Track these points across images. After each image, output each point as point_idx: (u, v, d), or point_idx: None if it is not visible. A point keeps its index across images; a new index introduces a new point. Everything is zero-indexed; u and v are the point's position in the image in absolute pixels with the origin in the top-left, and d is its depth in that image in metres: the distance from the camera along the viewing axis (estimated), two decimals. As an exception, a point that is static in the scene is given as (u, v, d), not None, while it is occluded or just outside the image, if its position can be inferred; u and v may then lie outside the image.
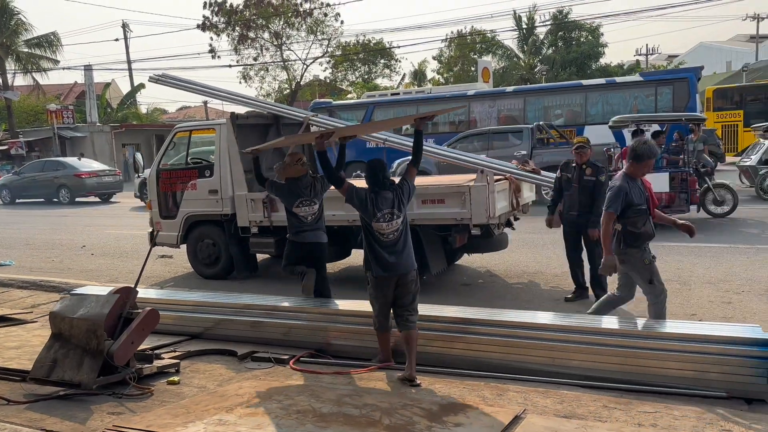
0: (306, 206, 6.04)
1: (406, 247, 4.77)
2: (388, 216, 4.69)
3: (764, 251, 8.57)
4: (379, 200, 4.71)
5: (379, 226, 4.70)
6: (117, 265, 10.28)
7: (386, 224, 4.69)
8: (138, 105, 43.02)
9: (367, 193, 4.77)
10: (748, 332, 4.30)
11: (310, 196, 6.06)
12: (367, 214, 4.73)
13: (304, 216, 6.04)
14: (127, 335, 4.55)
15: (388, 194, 4.74)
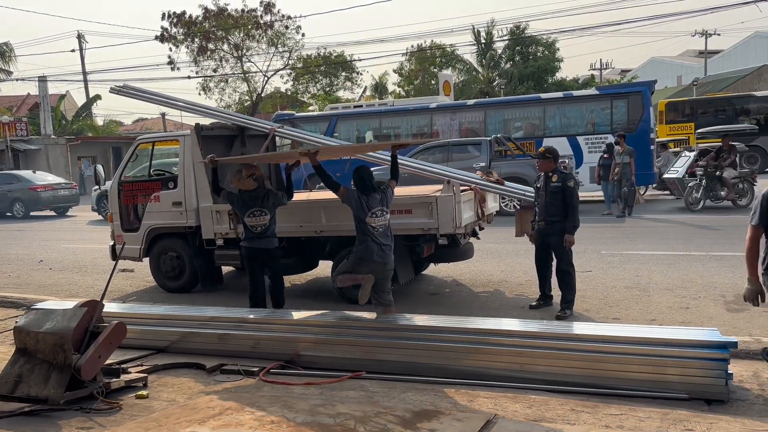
0: (256, 217, 6.41)
1: (389, 240, 5.86)
2: (378, 212, 5.76)
3: (717, 258, 8.89)
4: (370, 200, 5.76)
5: (371, 221, 5.73)
6: (76, 280, 10.05)
7: (377, 218, 5.74)
8: (94, 117, 42.16)
9: (359, 195, 5.77)
10: (707, 336, 4.48)
11: (260, 207, 6.42)
12: (361, 211, 5.74)
13: (253, 226, 6.44)
14: (94, 349, 4.47)
15: (377, 195, 5.81)
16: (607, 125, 17.16)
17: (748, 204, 14.17)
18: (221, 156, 8.75)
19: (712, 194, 14.26)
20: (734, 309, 6.47)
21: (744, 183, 14.32)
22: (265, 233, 6.48)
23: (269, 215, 6.48)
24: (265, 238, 6.50)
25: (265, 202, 6.46)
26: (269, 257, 6.60)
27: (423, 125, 19.78)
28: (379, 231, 5.77)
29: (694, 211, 13.88)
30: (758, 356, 5.02)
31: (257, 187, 6.49)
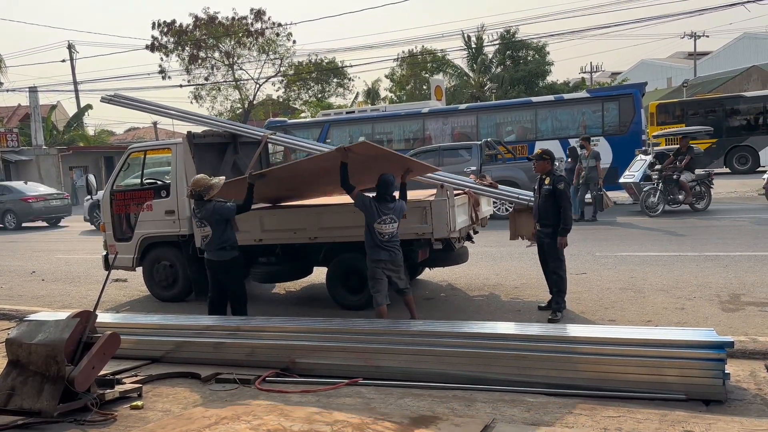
0: (202, 227, 6.52)
1: (396, 248, 6.19)
2: (388, 220, 6.05)
3: (711, 258, 8.91)
4: (382, 207, 6.06)
5: (380, 227, 6.04)
6: (69, 291, 9.97)
7: (385, 226, 6.04)
8: (85, 127, 42.00)
9: (372, 201, 6.08)
10: (703, 336, 4.47)
11: (199, 218, 6.47)
12: (371, 216, 6.05)
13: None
14: (88, 360, 4.42)
15: (390, 204, 6.11)
16: (598, 128, 17.23)
17: (706, 207, 14.07)
18: (214, 164, 8.75)
19: (670, 198, 13.99)
20: (729, 309, 6.48)
21: (701, 186, 14.09)
22: (210, 245, 6.43)
23: (208, 227, 6.38)
24: (212, 251, 6.43)
25: (204, 213, 6.37)
26: (216, 271, 6.50)
27: (415, 130, 19.82)
28: (386, 238, 6.05)
29: (653, 216, 13.58)
30: (755, 356, 5.02)
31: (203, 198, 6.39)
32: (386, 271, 6.15)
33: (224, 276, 6.53)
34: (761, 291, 7.03)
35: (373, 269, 6.17)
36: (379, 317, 6.07)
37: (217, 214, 6.33)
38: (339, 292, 7.48)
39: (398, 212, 6.17)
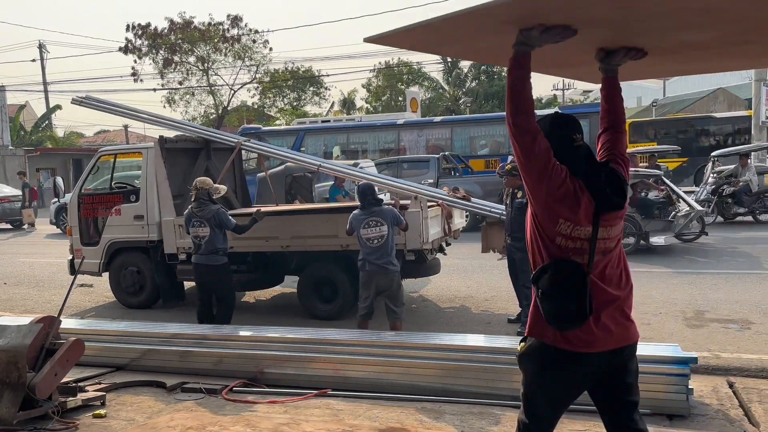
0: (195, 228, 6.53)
1: (386, 254, 5.93)
2: (372, 223, 5.93)
3: (678, 275, 9.08)
4: (363, 213, 5.97)
5: (364, 232, 5.92)
6: (33, 295, 9.74)
7: (369, 230, 5.93)
8: (54, 128, 41.25)
9: (354, 215, 6.04)
10: (668, 351, 4.54)
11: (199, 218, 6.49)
12: (356, 224, 5.97)
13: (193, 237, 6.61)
14: (50, 367, 4.32)
15: (375, 209, 5.98)
16: None
17: None
18: (186, 169, 8.66)
19: None
20: (694, 325, 6.61)
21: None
22: (202, 248, 6.47)
23: (205, 228, 6.42)
24: (204, 254, 6.47)
25: (205, 214, 6.45)
26: (205, 274, 6.54)
27: (390, 141, 19.89)
28: (373, 243, 5.91)
29: None
30: (718, 372, 5.12)
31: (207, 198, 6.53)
32: (378, 286, 5.96)
33: (213, 281, 6.55)
34: (724, 308, 7.18)
35: (362, 279, 6.07)
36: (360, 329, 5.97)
37: (217, 219, 6.40)
38: (310, 301, 7.44)
39: (386, 216, 5.95)
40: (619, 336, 2.51)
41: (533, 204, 2.52)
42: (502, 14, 2.21)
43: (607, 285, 2.50)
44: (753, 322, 6.59)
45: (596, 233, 2.43)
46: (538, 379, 2.56)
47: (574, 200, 2.42)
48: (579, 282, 2.39)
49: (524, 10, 2.18)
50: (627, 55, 2.63)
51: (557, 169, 2.43)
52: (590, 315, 2.38)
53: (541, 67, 2.97)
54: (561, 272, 2.42)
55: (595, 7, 2.17)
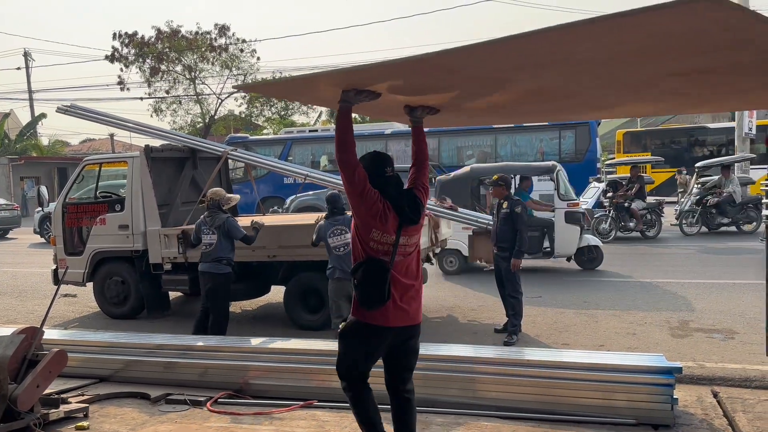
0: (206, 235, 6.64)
1: None
2: (337, 232, 6.17)
3: (663, 285, 9.14)
4: (330, 222, 6.23)
5: (331, 241, 6.17)
6: (15, 305, 9.62)
7: (336, 238, 6.17)
8: (39, 136, 40.90)
9: (324, 221, 6.35)
10: (653, 361, 4.56)
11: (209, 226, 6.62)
12: (324, 235, 6.25)
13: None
14: (32, 378, 4.26)
15: (339, 217, 6.28)
16: (555, 154, 17.63)
17: (656, 235, 14.53)
18: (172, 179, 8.62)
19: (622, 225, 14.43)
20: (678, 335, 6.65)
21: (652, 214, 14.55)
22: (208, 255, 6.59)
23: (215, 235, 6.55)
24: (208, 262, 6.58)
25: (216, 222, 6.59)
26: (207, 281, 6.61)
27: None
28: (340, 251, 6.13)
29: (604, 242, 13.47)
30: (702, 381, 5.15)
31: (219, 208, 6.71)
32: (348, 294, 6.03)
33: (213, 288, 6.60)
34: (709, 318, 7.23)
35: (331, 287, 6.24)
36: None
37: (227, 228, 6.54)
38: (296, 311, 7.41)
39: (349, 223, 5.97)
40: (413, 316, 3.37)
41: (355, 217, 3.37)
42: (329, 81, 3.21)
43: (405, 278, 3.34)
44: (737, 332, 6.64)
45: (398, 240, 3.29)
46: (352, 344, 3.42)
47: (384, 216, 3.27)
48: (382, 275, 3.22)
49: (339, 80, 3.14)
50: (424, 111, 3.61)
51: (371, 193, 3.29)
52: (388, 299, 3.22)
53: (376, 113, 4.42)
54: (371, 267, 3.24)
55: (385, 82, 3.11)
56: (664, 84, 3.08)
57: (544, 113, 4.51)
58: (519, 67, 2.76)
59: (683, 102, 3.87)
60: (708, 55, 2.53)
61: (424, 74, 2.94)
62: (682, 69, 2.75)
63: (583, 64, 2.70)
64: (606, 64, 2.71)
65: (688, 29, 2.20)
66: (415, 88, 3.22)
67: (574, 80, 3.04)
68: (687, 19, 2.10)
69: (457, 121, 5.07)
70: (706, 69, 2.74)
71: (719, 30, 2.19)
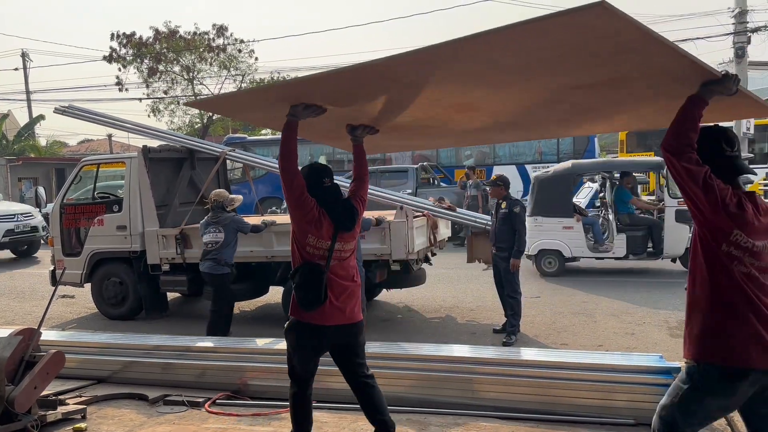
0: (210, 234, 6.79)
1: None
2: None
3: (661, 285, 9.15)
4: None
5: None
6: (13, 307, 9.60)
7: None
8: (37, 137, 40.82)
9: None
10: (652, 361, 4.56)
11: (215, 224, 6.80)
12: None
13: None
14: (29, 380, 4.24)
15: None
16: (554, 154, 17.63)
17: None
18: (169, 179, 8.61)
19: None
20: (677, 335, 6.64)
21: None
22: (210, 254, 6.76)
23: (221, 233, 6.72)
24: (207, 261, 6.77)
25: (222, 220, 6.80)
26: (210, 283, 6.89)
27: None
28: None
29: None
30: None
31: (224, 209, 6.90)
32: None
33: (213, 290, 6.86)
34: (707, 317, 7.23)
35: None
36: None
37: (235, 224, 6.76)
38: (295, 312, 7.40)
39: None
40: (349, 315, 3.56)
41: (293, 222, 3.60)
42: (278, 95, 3.46)
43: (342, 280, 3.55)
44: (735, 332, 6.64)
45: (333, 246, 3.50)
46: (295, 343, 3.62)
47: (319, 223, 3.49)
48: (318, 278, 3.43)
49: (288, 93, 3.35)
50: (364, 131, 3.80)
51: (308, 201, 3.52)
52: (325, 300, 3.42)
53: (317, 137, 4.65)
54: (308, 271, 3.45)
55: (329, 92, 3.31)
56: (575, 99, 3.15)
57: (470, 135, 4.55)
58: (440, 78, 2.93)
59: (596, 121, 3.94)
60: (608, 66, 2.60)
61: (363, 83, 3.12)
62: (588, 81, 2.83)
63: (489, 77, 2.85)
64: (517, 78, 2.86)
65: (581, 38, 2.30)
66: (356, 98, 3.37)
67: (491, 98, 3.23)
68: (578, 28, 2.20)
69: (396, 145, 5.57)
70: (610, 81, 2.80)
71: (612, 37, 2.27)
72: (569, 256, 10.15)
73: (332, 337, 3.55)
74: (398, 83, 3.02)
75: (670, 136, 2.60)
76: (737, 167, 2.60)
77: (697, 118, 2.58)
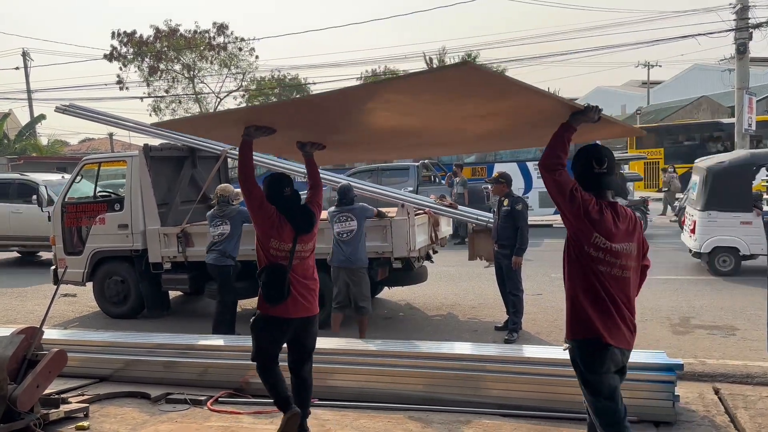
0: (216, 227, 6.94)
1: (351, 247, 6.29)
2: (342, 218, 6.33)
3: (663, 282, 9.13)
4: (335, 209, 6.46)
5: (334, 227, 6.39)
6: (15, 306, 9.61)
7: (338, 224, 6.34)
8: (38, 136, 40.84)
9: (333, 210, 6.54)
10: (654, 358, 4.57)
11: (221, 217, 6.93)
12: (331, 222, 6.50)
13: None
14: (32, 379, 4.24)
15: (346, 206, 6.42)
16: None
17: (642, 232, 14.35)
18: (171, 178, 8.60)
19: None
20: (679, 332, 6.64)
21: (636, 211, 14.37)
22: (216, 245, 6.91)
23: (227, 226, 6.82)
24: (212, 252, 6.90)
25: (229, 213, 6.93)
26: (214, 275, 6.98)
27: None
28: (343, 237, 6.26)
29: None
30: (704, 378, 5.14)
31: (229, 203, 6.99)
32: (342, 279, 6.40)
33: (218, 282, 6.93)
34: (709, 315, 7.22)
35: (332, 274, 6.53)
36: None
37: (241, 216, 6.81)
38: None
39: (354, 211, 6.39)
40: (309, 308, 4.00)
41: (256, 227, 4.04)
42: (234, 119, 3.91)
43: (302, 278, 3.98)
44: (738, 329, 6.64)
45: (294, 248, 3.93)
46: (261, 334, 4.01)
47: (280, 227, 3.92)
48: (282, 277, 3.85)
49: (240, 117, 3.83)
50: (313, 147, 4.24)
51: (268, 208, 3.95)
52: (288, 296, 3.85)
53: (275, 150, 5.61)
54: (272, 271, 3.88)
55: (278, 122, 3.83)
56: (468, 126, 3.88)
57: (403, 151, 5.91)
58: (367, 109, 3.47)
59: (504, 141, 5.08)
60: (488, 104, 3.25)
61: (302, 112, 3.81)
62: (487, 112, 3.44)
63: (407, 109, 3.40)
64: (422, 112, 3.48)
65: (467, 85, 2.90)
66: (297, 124, 3.94)
67: (413, 124, 3.85)
68: (459, 79, 2.85)
69: (343, 157, 6.53)
70: (491, 113, 3.45)
71: (483, 86, 2.95)
72: (747, 254, 9.47)
73: (295, 327, 3.98)
74: (330, 113, 3.63)
75: (544, 156, 3.06)
76: (602, 183, 3.03)
77: (566, 141, 3.07)
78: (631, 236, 3.04)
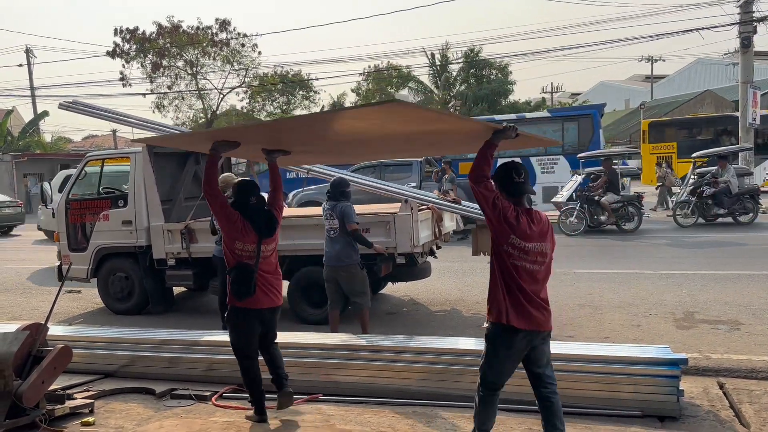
0: None
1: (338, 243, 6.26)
2: (328, 216, 6.32)
3: (666, 276, 9.12)
4: (326, 207, 6.40)
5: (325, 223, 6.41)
6: (20, 302, 9.64)
7: (325, 222, 6.36)
8: (41, 133, 40.94)
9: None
10: (658, 353, 4.55)
11: None
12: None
13: None
14: (37, 375, 4.26)
15: (334, 203, 6.37)
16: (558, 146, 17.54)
17: (635, 228, 14.23)
18: (174, 174, 8.61)
19: (594, 219, 14.27)
20: (683, 326, 6.63)
21: (630, 207, 14.26)
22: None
23: None
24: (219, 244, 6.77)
25: None
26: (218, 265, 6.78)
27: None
28: (330, 234, 6.26)
29: (571, 235, 13.81)
30: (708, 373, 5.13)
31: None
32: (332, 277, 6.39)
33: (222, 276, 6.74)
34: (714, 309, 7.21)
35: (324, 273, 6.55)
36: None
37: None
38: (300, 305, 7.40)
39: (338, 210, 6.28)
40: (274, 299, 4.47)
41: (222, 231, 4.59)
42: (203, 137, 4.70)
43: (267, 274, 4.42)
44: (742, 323, 6.62)
45: (259, 249, 4.35)
46: (237, 324, 4.46)
47: (244, 231, 4.34)
48: (249, 275, 4.29)
49: (210, 135, 4.64)
50: (278, 152, 4.70)
51: (232, 214, 4.38)
52: (254, 291, 4.31)
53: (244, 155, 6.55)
54: (240, 270, 4.31)
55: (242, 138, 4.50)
56: (417, 139, 4.60)
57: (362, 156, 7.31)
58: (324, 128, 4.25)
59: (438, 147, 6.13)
60: (425, 125, 3.99)
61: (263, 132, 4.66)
62: (419, 132, 4.21)
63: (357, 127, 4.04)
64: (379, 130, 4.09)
65: (403, 114, 3.69)
66: (262, 140, 4.62)
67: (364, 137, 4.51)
68: (395, 111, 3.63)
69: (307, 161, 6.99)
70: (430, 131, 4.21)
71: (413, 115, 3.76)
72: None
73: (264, 316, 4.44)
74: (292, 132, 4.36)
75: (471, 170, 3.59)
76: (520, 190, 3.59)
77: (489, 156, 3.64)
78: (543, 237, 3.59)
